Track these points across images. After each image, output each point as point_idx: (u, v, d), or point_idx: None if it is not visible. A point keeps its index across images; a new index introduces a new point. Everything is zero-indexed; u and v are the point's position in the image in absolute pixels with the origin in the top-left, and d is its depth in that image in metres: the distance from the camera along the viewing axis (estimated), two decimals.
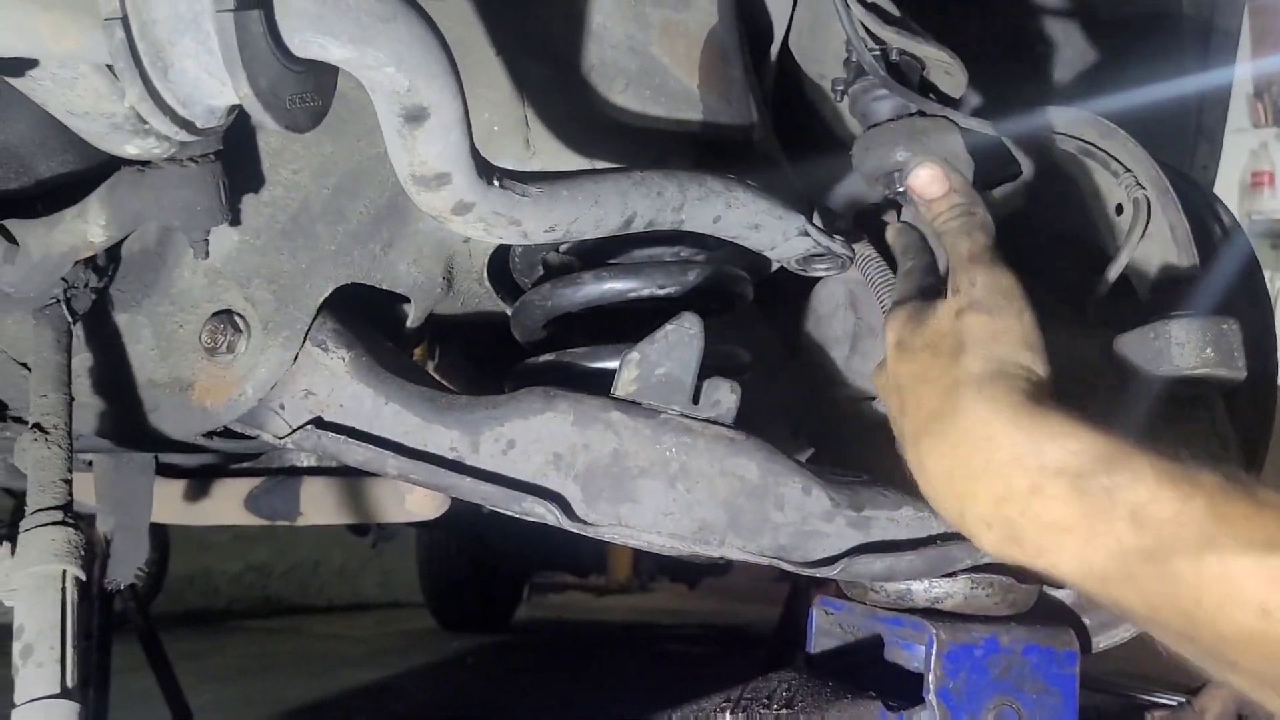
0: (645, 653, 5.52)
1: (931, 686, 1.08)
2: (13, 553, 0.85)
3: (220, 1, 0.60)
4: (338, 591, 8.05)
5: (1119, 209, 1.28)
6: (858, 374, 1.26)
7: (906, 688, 1.11)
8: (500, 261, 1.25)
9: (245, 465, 1.88)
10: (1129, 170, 1.25)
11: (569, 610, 7.90)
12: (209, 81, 0.63)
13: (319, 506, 1.89)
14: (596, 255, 1.19)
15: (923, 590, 1.17)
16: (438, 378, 1.27)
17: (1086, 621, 1.29)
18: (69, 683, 0.79)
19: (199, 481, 1.89)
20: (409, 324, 1.24)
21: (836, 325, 1.29)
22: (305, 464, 1.88)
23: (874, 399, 1.27)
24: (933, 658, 1.09)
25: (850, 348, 1.26)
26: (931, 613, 1.16)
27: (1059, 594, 1.27)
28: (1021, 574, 1.15)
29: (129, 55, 0.61)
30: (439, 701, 4.10)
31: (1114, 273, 1.23)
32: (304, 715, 3.75)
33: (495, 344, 1.42)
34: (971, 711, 1.07)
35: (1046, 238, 1.33)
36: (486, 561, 5.94)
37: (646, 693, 4.04)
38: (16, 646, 0.81)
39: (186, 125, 0.67)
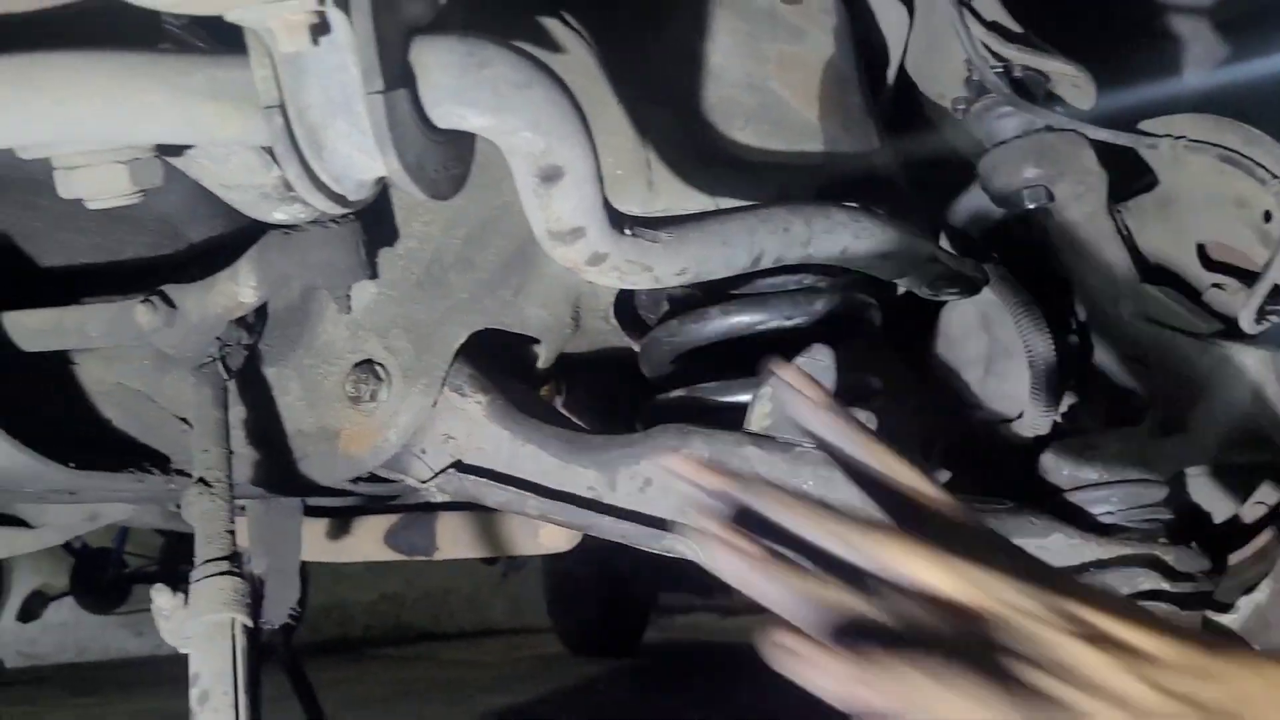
0: (778, 675, 5.46)
1: None
2: (185, 602, 0.89)
3: (369, 83, 0.63)
4: (468, 618, 8.20)
5: (1267, 216, 1.23)
6: (994, 396, 1.24)
7: None
8: (626, 299, 1.26)
9: (382, 503, 1.94)
10: (1277, 177, 1.20)
11: (696, 631, 7.88)
12: (360, 158, 0.66)
13: (454, 541, 1.93)
14: (720, 288, 1.20)
15: None
16: (569, 416, 1.29)
17: (1256, 649, 1.23)
18: None
19: (340, 520, 1.95)
20: (540, 365, 1.27)
21: (970, 347, 1.26)
22: (440, 499, 1.93)
23: (1012, 420, 1.25)
24: None
25: (985, 369, 1.24)
26: None
27: (1224, 619, 1.22)
28: (1184, 602, 1.11)
29: (288, 139, 0.65)
30: None
31: (1268, 281, 1.18)
32: None
33: (621, 379, 1.44)
34: None
35: (1184, 248, 1.29)
36: (613, 585, 5.97)
37: (780, 714, 4.01)
38: (194, 693, 0.85)
39: (339, 200, 0.70)
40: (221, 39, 0.87)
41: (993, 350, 1.24)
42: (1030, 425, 1.23)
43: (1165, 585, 1.09)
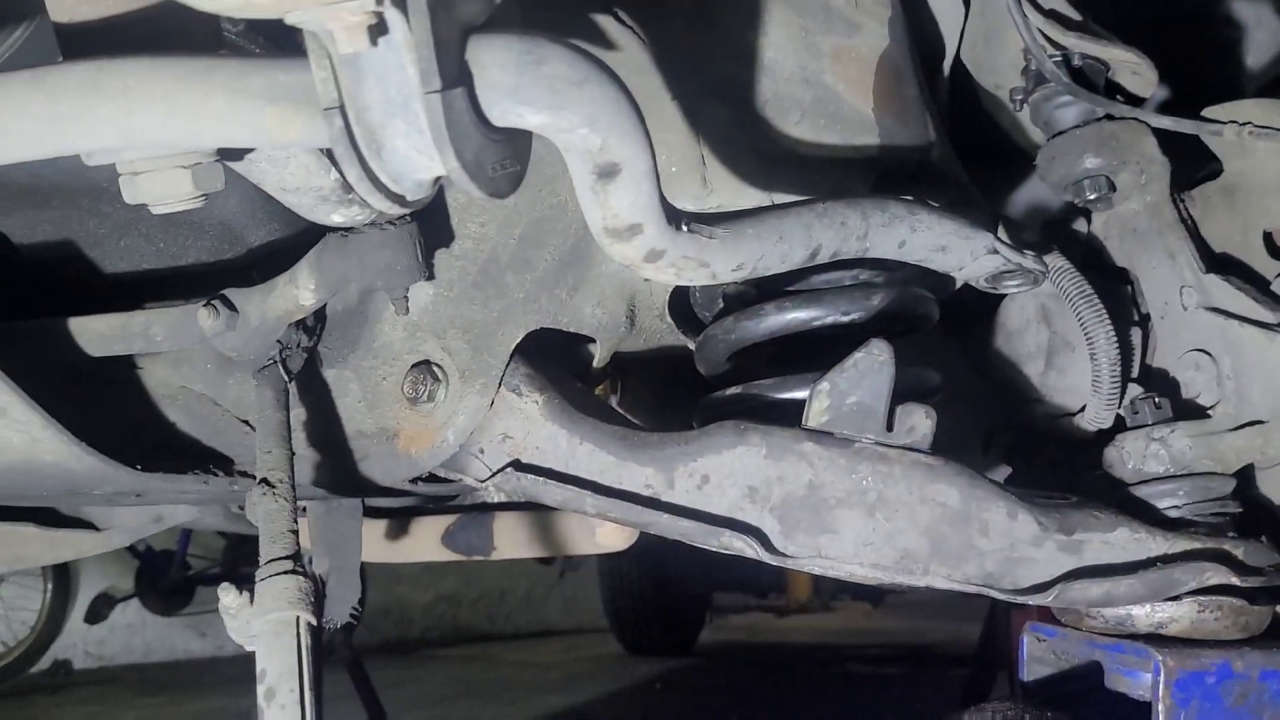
0: (833, 674, 5.43)
1: (1161, 715, 1.03)
2: (251, 601, 0.91)
3: (427, 83, 0.63)
4: (524, 619, 8.24)
5: None
6: (1055, 389, 1.22)
7: (1133, 716, 1.06)
8: (681, 297, 1.26)
9: (439, 504, 1.95)
10: None
11: (751, 632, 7.86)
12: (418, 158, 0.66)
13: (511, 541, 1.94)
14: (775, 284, 1.19)
15: (1145, 615, 1.12)
16: (625, 414, 1.29)
17: None
18: None
19: (398, 521, 1.97)
20: (595, 364, 1.27)
21: (1030, 340, 1.24)
22: (496, 500, 1.94)
23: (1074, 415, 1.23)
24: (1161, 686, 1.03)
25: (1045, 363, 1.22)
26: (1156, 638, 1.11)
27: None
28: (1254, 597, 1.08)
29: (347, 140, 0.66)
30: None
31: None
32: None
33: (675, 377, 1.44)
34: None
35: (1251, 236, 1.26)
36: (668, 586, 5.97)
37: (842, 717, 3.98)
38: (260, 689, 0.86)
39: (398, 200, 0.71)
40: (277, 45, 0.89)
41: (1053, 343, 1.22)
42: (1093, 419, 1.20)
43: (1234, 580, 1.07)
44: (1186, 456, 1.14)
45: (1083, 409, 1.25)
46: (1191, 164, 1.24)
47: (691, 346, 1.26)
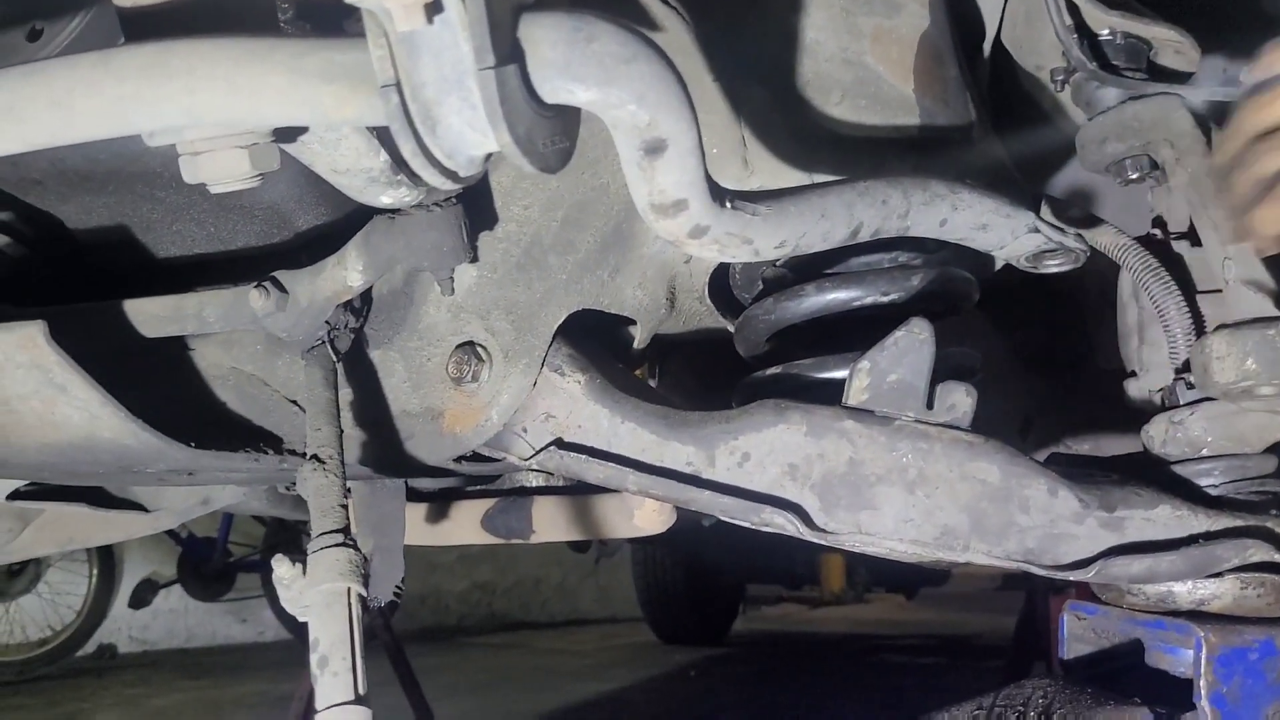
0: (868, 663, 5.43)
1: (1203, 692, 1.03)
2: (304, 573, 0.93)
3: (481, 60, 0.65)
4: (558, 608, 8.29)
5: None
6: (1149, 364, 1.21)
7: (1173, 694, 1.06)
8: (720, 279, 1.27)
9: (478, 487, 1.98)
10: None
11: (785, 622, 7.87)
12: (471, 134, 0.68)
13: (550, 524, 1.96)
14: (813, 266, 1.20)
15: (1186, 592, 1.12)
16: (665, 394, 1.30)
17: None
18: (360, 689, 0.86)
19: (438, 504, 2.00)
20: (636, 345, 1.28)
21: (1128, 317, 1.23)
22: (534, 484, 1.96)
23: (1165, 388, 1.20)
24: (1203, 662, 1.03)
25: (1139, 338, 1.22)
26: (1198, 615, 1.11)
27: None
28: None
29: (403, 117, 0.67)
30: (665, 714, 4.16)
31: None
32: None
33: (713, 359, 1.45)
34: (1248, 717, 1.02)
35: None
36: (702, 575, 5.99)
37: (877, 705, 3.98)
38: (313, 658, 0.88)
39: (451, 175, 0.72)
40: (325, 29, 0.91)
41: (1142, 318, 1.21)
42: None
43: (1277, 556, 1.07)
44: (1203, 440, 1.13)
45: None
46: None
47: (731, 328, 1.27)
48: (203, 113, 0.70)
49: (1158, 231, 1.17)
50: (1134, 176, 1.10)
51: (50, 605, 5.98)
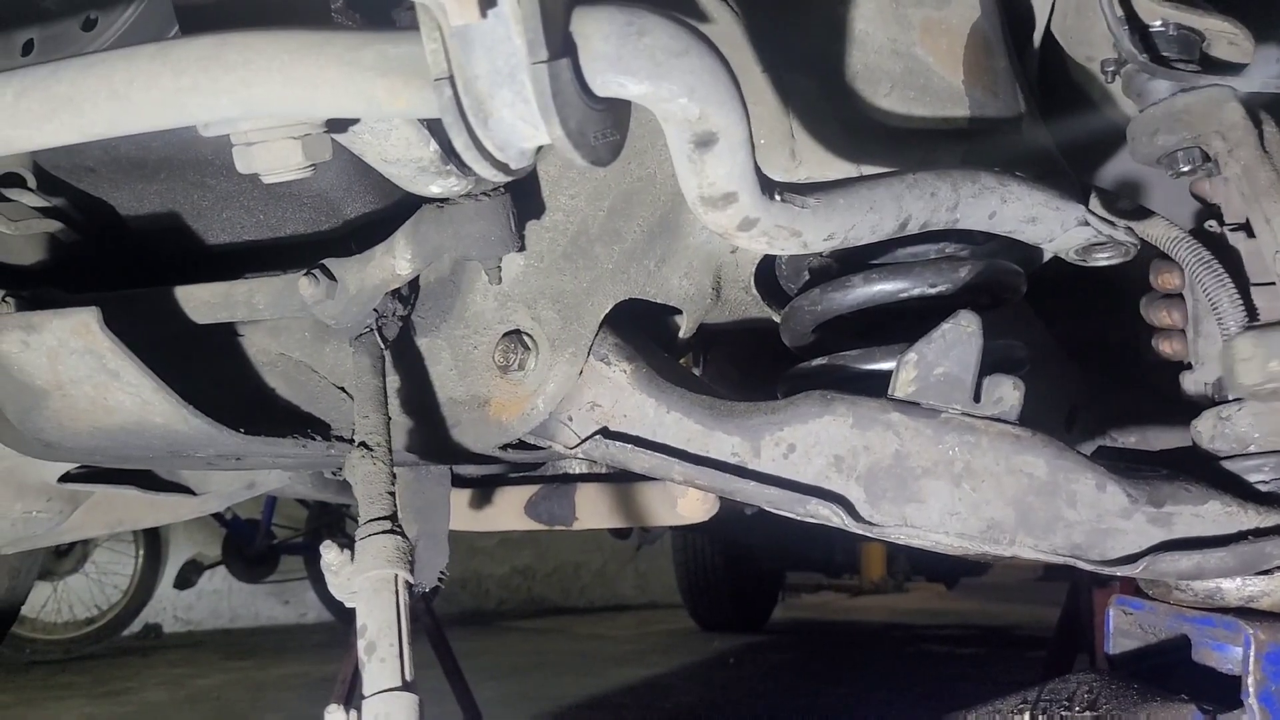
0: (908, 653, 5.41)
1: (1251, 689, 1.02)
2: (351, 559, 0.94)
3: (534, 53, 0.65)
4: (598, 593, 8.33)
5: None
6: (1204, 356, 1.20)
7: (1220, 690, 1.05)
8: (766, 270, 1.27)
9: (521, 474, 1.99)
10: None
11: (825, 611, 7.85)
12: (523, 127, 0.68)
13: (593, 511, 1.96)
14: (859, 256, 1.20)
15: (1235, 588, 1.11)
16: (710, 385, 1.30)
17: None
18: (407, 675, 0.87)
19: (482, 490, 2.01)
20: (681, 335, 1.28)
21: (1187, 308, 1.22)
22: (578, 471, 1.97)
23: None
24: (1251, 659, 1.02)
25: (1195, 330, 1.20)
26: (1246, 612, 1.10)
27: None
28: None
29: (456, 110, 0.68)
30: (704, 700, 4.17)
31: None
32: (580, 711, 3.90)
33: (758, 349, 1.45)
34: None
35: None
36: (742, 563, 6.00)
37: (918, 696, 3.97)
38: (361, 644, 0.89)
39: (502, 168, 0.73)
40: (373, 18, 0.91)
41: (1196, 312, 1.20)
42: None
43: None
44: (1250, 436, 1.12)
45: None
46: None
47: (777, 319, 1.27)
48: (259, 105, 0.71)
49: (1214, 223, 1.16)
50: (1185, 169, 1.08)
51: (97, 585, 6.10)
